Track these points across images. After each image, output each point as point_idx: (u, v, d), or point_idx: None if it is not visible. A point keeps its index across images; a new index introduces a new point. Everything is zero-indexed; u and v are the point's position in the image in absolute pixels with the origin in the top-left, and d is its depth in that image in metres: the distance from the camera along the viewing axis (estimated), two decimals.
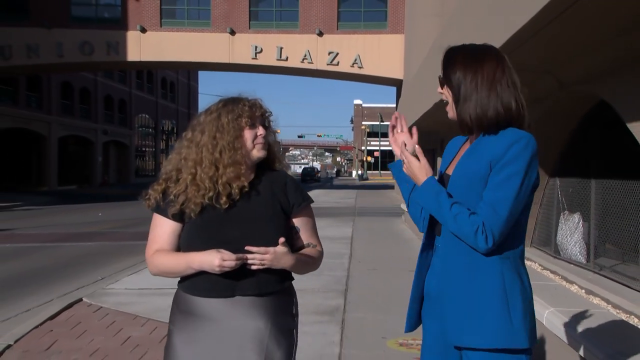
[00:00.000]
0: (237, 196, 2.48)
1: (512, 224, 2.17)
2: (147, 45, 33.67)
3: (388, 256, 11.29)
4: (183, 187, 2.49)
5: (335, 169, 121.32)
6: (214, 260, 2.33)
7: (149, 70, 58.31)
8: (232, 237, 2.43)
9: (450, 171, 2.39)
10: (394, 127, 2.58)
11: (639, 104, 5.13)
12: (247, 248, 2.35)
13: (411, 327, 2.53)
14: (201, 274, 2.42)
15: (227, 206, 2.46)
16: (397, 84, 33.31)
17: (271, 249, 2.37)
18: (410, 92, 21.06)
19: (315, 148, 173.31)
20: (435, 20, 18.72)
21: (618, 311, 5.30)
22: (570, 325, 4.15)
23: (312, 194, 36.67)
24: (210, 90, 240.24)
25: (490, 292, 2.18)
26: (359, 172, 78.50)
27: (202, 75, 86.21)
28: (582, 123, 7.86)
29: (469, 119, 2.26)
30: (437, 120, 15.24)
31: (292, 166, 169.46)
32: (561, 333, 4.20)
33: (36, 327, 6.21)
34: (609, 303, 5.63)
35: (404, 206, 20.31)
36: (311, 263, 2.63)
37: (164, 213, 2.52)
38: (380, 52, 33.05)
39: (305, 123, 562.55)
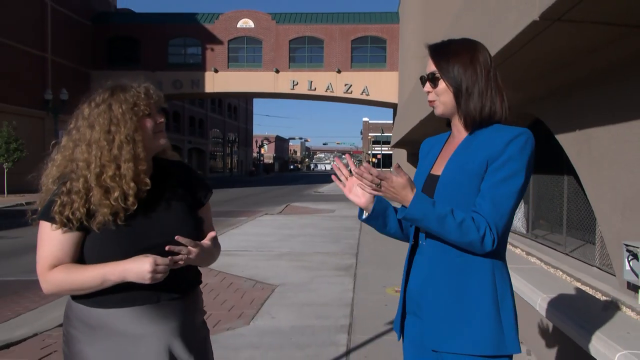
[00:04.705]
0: (144, 194, 1.57)
1: (511, 222, 1.53)
2: (218, 81, 33.96)
3: None
4: (83, 192, 1.51)
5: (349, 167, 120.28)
6: (144, 267, 1.45)
7: (219, 98, 58.69)
8: (155, 242, 1.54)
9: (437, 171, 1.63)
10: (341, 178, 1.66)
11: (563, 121, 5.10)
12: (177, 238, 1.51)
13: (402, 333, 1.72)
14: (118, 285, 1.51)
15: (135, 207, 1.53)
16: (394, 106, 33.15)
17: (199, 243, 1.58)
18: (402, 113, 20.97)
19: (335, 152, 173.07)
20: (418, 60, 18.60)
21: (548, 267, 5.28)
22: (515, 277, 4.16)
23: (331, 185, 36.67)
24: (261, 111, 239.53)
25: (481, 295, 1.49)
26: None
27: (256, 101, 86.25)
28: None
29: (475, 113, 1.57)
30: (422, 133, 15.19)
31: (319, 165, 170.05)
32: None
33: None
34: (542, 261, 5.60)
35: None
36: (216, 254, 1.75)
37: (66, 223, 1.51)
38: (382, 84, 32.92)
39: (328, 134, 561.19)
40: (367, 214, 1.67)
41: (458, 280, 1.51)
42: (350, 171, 1.64)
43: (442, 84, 1.60)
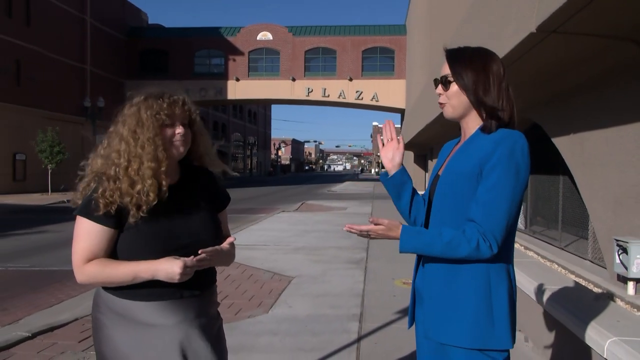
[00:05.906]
0: (165, 194, 1.56)
1: (510, 225, 1.43)
2: (239, 89, 34.20)
3: None
4: (114, 181, 1.54)
5: (360, 168, 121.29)
6: (174, 269, 1.47)
7: (240, 105, 59.00)
8: (184, 242, 1.57)
9: (442, 172, 1.60)
10: (382, 139, 1.74)
11: (559, 125, 5.06)
12: (200, 251, 1.52)
13: (411, 322, 1.72)
14: (146, 281, 1.53)
15: (155, 202, 1.53)
16: (401, 111, 33.07)
17: (219, 249, 1.61)
18: (409, 117, 20.90)
19: (347, 154, 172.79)
20: (424, 69, 18.51)
21: (544, 260, 5.25)
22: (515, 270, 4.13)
23: (343, 185, 36.66)
24: (279, 116, 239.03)
25: (473, 291, 1.45)
26: (376, 170, 78.03)
27: (274, 107, 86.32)
28: None
29: (491, 114, 1.49)
30: (427, 135, 15.14)
31: (332, 166, 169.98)
32: None
33: None
34: (539, 255, 5.57)
35: None
36: (233, 255, 1.78)
37: (102, 220, 1.52)
38: (390, 91, 32.85)
39: (341, 137, 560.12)
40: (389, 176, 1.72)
41: (451, 277, 1.48)
42: (396, 137, 1.74)
43: (453, 87, 1.53)
